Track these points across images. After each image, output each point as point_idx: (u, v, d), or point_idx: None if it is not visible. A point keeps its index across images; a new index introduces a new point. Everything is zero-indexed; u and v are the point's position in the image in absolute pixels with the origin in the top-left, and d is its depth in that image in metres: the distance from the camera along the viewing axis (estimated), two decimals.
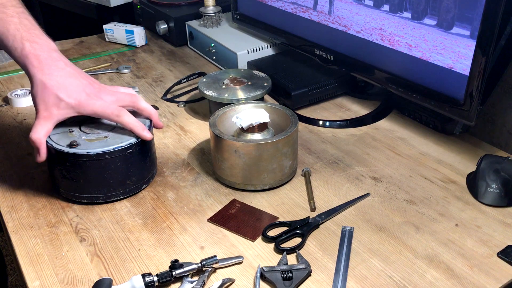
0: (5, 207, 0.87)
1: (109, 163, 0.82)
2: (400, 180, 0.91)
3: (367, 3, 0.99)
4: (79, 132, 0.85)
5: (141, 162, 0.87)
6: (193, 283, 0.71)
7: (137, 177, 0.87)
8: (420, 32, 0.91)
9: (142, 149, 0.86)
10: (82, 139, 0.84)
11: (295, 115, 0.91)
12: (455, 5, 0.84)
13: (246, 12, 1.34)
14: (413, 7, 0.91)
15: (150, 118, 0.89)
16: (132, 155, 0.84)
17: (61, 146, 0.82)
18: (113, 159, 0.82)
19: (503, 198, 0.84)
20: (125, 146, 0.83)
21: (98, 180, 0.83)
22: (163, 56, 1.43)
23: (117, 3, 1.56)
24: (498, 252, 0.75)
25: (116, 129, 0.86)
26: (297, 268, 0.72)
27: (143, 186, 0.89)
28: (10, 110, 1.16)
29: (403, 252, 0.76)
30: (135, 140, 0.84)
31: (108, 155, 0.82)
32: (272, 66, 1.23)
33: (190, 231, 0.81)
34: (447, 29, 0.87)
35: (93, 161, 0.81)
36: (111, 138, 0.84)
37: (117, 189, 0.85)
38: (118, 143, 0.83)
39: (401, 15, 0.94)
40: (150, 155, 0.88)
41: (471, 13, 0.82)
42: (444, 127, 1.02)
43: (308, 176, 0.91)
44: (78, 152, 0.81)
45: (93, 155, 0.81)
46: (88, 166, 0.82)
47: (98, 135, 0.85)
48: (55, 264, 0.76)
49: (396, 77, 0.99)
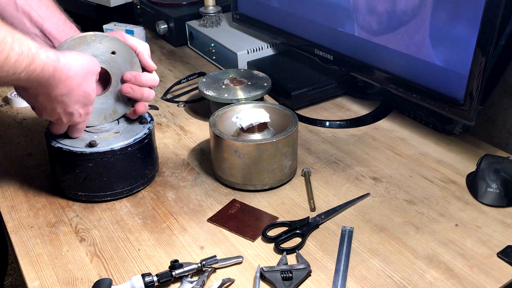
0: (5, 207, 0.87)
1: (131, 156, 0.84)
2: (400, 180, 0.91)
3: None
4: (86, 134, 0.86)
5: (154, 150, 0.90)
6: (193, 283, 0.71)
7: (152, 165, 0.90)
8: (420, 32, 0.91)
9: (152, 138, 0.89)
10: (95, 138, 0.84)
11: (295, 115, 0.91)
12: (454, 5, 0.85)
13: (246, 12, 1.34)
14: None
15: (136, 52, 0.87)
16: (147, 144, 0.87)
17: (81, 148, 0.82)
18: (134, 151, 0.84)
19: (503, 198, 0.84)
20: (142, 137, 0.85)
21: (122, 174, 0.85)
22: (163, 56, 1.43)
23: (117, 3, 1.56)
24: (498, 252, 0.75)
25: (122, 124, 0.88)
26: (297, 268, 0.72)
27: (155, 174, 0.92)
28: (10, 110, 1.16)
29: (403, 252, 0.76)
30: (148, 130, 0.87)
31: (130, 148, 0.83)
32: (272, 66, 1.23)
33: (190, 231, 0.81)
34: (447, 28, 0.87)
35: (117, 156, 0.82)
36: (123, 133, 0.86)
37: (138, 180, 0.87)
38: (134, 135, 0.85)
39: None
40: (155, 144, 0.91)
41: (471, 13, 0.82)
42: (444, 127, 1.02)
43: (308, 176, 0.91)
44: (101, 150, 0.81)
45: (117, 150, 0.82)
46: (112, 162, 0.83)
47: (108, 132, 0.86)
48: (55, 264, 0.76)
49: (396, 77, 0.99)
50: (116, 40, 0.84)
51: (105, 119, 0.88)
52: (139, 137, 0.85)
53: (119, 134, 0.86)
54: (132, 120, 0.90)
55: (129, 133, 0.86)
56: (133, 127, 0.88)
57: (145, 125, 0.88)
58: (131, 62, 0.87)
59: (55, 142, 0.83)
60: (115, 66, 0.85)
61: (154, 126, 0.89)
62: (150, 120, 0.90)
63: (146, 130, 0.87)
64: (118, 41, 0.84)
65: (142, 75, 0.87)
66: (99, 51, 0.83)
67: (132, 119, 0.89)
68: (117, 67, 0.86)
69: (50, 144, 0.84)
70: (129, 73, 0.86)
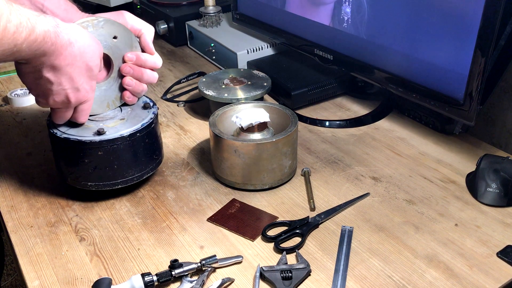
0: (5, 207, 0.87)
1: (140, 141, 0.84)
2: (399, 180, 0.91)
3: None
4: (91, 122, 0.85)
5: (159, 135, 0.90)
6: (193, 283, 0.71)
7: (159, 150, 0.90)
8: (419, 32, 0.91)
9: (157, 123, 0.89)
10: (102, 126, 0.83)
11: (295, 115, 0.91)
12: (454, 5, 0.85)
13: (246, 12, 1.34)
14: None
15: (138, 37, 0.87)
16: (154, 129, 0.87)
17: (90, 137, 0.81)
18: (142, 137, 0.84)
19: (503, 198, 0.84)
20: (149, 122, 0.85)
21: (132, 160, 0.84)
22: (163, 56, 1.43)
23: (117, 3, 1.56)
24: (498, 252, 0.75)
25: (125, 111, 0.88)
26: (296, 267, 0.72)
27: (162, 159, 0.92)
28: (10, 110, 1.16)
29: (402, 252, 0.76)
30: (153, 115, 0.86)
31: (139, 133, 0.83)
32: (272, 66, 1.23)
33: (190, 230, 0.81)
34: (447, 28, 0.87)
35: (127, 142, 0.82)
36: (129, 119, 0.85)
37: (147, 166, 0.87)
38: (141, 121, 0.85)
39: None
40: (159, 128, 0.92)
41: (471, 13, 0.82)
42: (444, 127, 1.02)
43: (307, 176, 0.91)
44: (111, 137, 0.81)
45: (127, 136, 0.82)
46: (122, 149, 0.82)
47: (113, 119, 0.85)
48: (54, 263, 0.76)
49: (396, 77, 0.99)
50: (117, 25, 0.84)
51: (108, 106, 0.87)
52: (146, 122, 0.84)
53: (125, 120, 0.85)
54: (134, 106, 0.89)
55: (135, 119, 0.85)
56: (137, 112, 0.87)
57: (149, 110, 0.88)
58: (132, 47, 0.86)
59: (61, 132, 0.82)
60: (117, 51, 0.85)
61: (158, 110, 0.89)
62: (153, 105, 0.89)
63: (152, 115, 0.86)
64: (119, 25, 0.84)
65: (142, 55, 0.87)
66: (101, 37, 0.82)
67: (132, 104, 0.89)
68: (119, 52, 0.85)
69: (55, 135, 0.82)
70: (130, 53, 0.86)
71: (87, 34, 0.78)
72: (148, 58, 0.87)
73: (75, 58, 0.75)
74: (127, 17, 0.86)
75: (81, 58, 0.75)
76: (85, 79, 0.78)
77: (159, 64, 0.89)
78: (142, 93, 0.89)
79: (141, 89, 0.88)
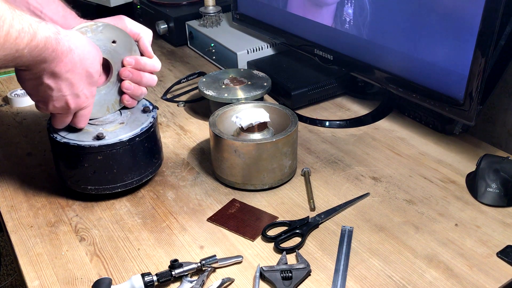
0: (5, 207, 0.87)
1: (139, 146, 0.84)
2: (399, 180, 0.91)
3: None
4: (91, 126, 0.85)
5: (158, 139, 0.90)
6: (193, 283, 0.71)
7: (159, 153, 0.90)
8: (420, 32, 0.91)
9: (157, 126, 0.89)
10: (102, 130, 0.83)
11: (295, 115, 0.91)
12: (454, 5, 0.85)
13: (246, 12, 1.34)
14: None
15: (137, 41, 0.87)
16: (153, 133, 0.87)
17: (89, 142, 0.81)
18: (141, 141, 0.84)
19: (503, 198, 0.84)
20: (148, 126, 0.85)
21: (131, 164, 0.84)
22: (163, 56, 1.43)
23: (117, 3, 1.56)
24: (498, 252, 0.75)
25: (124, 115, 0.88)
26: (296, 267, 0.72)
27: (161, 162, 0.92)
28: (10, 110, 1.16)
29: (402, 252, 0.76)
30: (152, 119, 0.86)
31: (138, 137, 0.83)
32: (272, 66, 1.23)
33: (190, 230, 0.81)
34: (447, 28, 0.87)
35: (126, 147, 0.82)
36: (128, 123, 0.86)
37: (147, 170, 0.87)
38: (140, 125, 0.85)
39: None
40: (159, 132, 0.92)
41: (471, 13, 0.82)
42: (444, 127, 1.02)
43: (307, 176, 0.91)
44: (110, 142, 0.81)
45: (126, 141, 0.82)
46: (121, 153, 0.82)
47: (113, 124, 0.86)
48: (54, 263, 0.76)
49: (396, 77, 0.99)
50: (116, 29, 0.84)
51: (107, 110, 0.87)
52: (145, 126, 0.84)
53: (124, 124, 0.85)
54: (134, 110, 0.89)
55: (134, 123, 0.85)
56: (136, 116, 0.87)
57: (148, 114, 0.88)
58: (131, 51, 0.86)
59: (61, 137, 0.82)
60: (116, 56, 0.85)
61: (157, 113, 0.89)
62: (153, 108, 0.89)
63: (151, 119, 0.86)
64: (118, 29, 0.84)
65: (141, 59, 0.87)
66: (100, 42, 0.83)
67: (131, 107, 0.89)
68: (118, 56, 0.85)
69: (55, 139, 0.82)
70: (129, 57, 0.86)
71: (86, 41, 0.78)
72: (147, 61, 0.88)
73: (75, 64, 0.75)
74: (126, 21, 0.87)
75: (81, 64, 0.76)
76: (85, 85, 0.78)
77: (158, 67, 0.89)
78: (142, 96, 0.90)
79: (140, 93, 0.89)
